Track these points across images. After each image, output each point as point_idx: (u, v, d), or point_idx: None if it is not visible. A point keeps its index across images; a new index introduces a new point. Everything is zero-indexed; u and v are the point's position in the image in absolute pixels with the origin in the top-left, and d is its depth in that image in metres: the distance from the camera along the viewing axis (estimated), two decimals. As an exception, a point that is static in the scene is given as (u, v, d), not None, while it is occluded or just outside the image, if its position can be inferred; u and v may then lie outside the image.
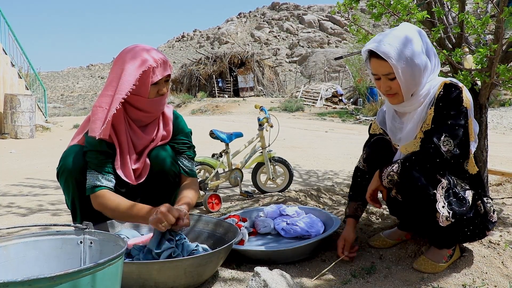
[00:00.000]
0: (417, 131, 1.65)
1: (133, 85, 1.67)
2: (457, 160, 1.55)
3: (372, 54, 1.61)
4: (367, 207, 2.48)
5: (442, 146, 1.52)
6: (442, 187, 1.54)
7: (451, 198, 1.55)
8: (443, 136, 1.53)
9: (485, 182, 1.77)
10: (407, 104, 1.66)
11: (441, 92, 1.59)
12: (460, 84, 1.61)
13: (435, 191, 1.53)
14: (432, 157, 1.53)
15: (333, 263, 1.73)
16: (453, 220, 1.52)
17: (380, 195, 1.79)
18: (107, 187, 1.72)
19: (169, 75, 1.80)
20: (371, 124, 1.96)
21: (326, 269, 1.70)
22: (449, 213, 1.51)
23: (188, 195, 1.81)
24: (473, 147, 1.67)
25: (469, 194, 1.59)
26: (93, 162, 1.74)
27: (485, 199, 1.68)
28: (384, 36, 1.59)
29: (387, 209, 2.03)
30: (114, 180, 1.76)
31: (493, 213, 1.68)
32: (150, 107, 1.79)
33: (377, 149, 1.82)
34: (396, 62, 1.54)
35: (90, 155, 1.75)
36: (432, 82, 1.63)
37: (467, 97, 1.58)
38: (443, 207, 1.52)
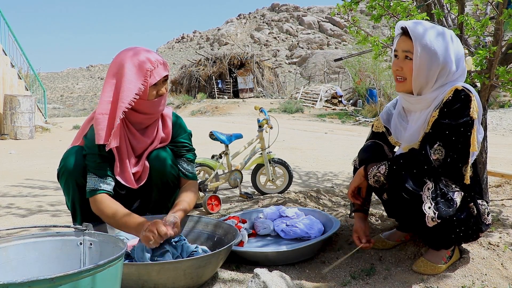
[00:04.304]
0: (421, 134, 1.64)
1: (136, 94, 1.67)
2: (447, 168, 1.55)
3: (403, 33, 1.63)
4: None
5: (432, 154, 1.53)
6: (428, 188, 1.55)
7: (439, 198, 1.54)
8: (436, 144, 1.53)
9: (483, 185, 1.76)
10: (415, 101, 1.65)
11: (450, 98, 1.56)
12: (473, 93, 1.57)
13: (421, 192, 1.54)
14: (420, 164, 1.54)
15: (353, 251, 1.75)
16: (439, 221, 1.52)
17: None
18: (105, 190, 1.71)
19: (167, 75, 1.79)
20: (373, 122, 1.96)
21: (343, 258, 1.73)
22: (434, 213, 1.51)
23: (185, 199, 1.81)
24: (473, 156, 1.64)
25: (457, 196, 1.58)
26: (92, 166, 1.73)
27: (479, 201, 1.67)
28: (425, 22, 1.62)
29: (385, 211, 2.04)
30: (113, 183, 1.75)
31: (487, 215, 1.67)
32: (150, 109, 1.79)
33: (370, 154, 1.82)
34: (419, 44, 1.56)
35: (89, 158, 1.75)
36: (445, 86, 1.60)
37: (475, 107, 1.55)
38: (429, 208, 1.52)
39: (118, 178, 1.76)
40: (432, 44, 1.55)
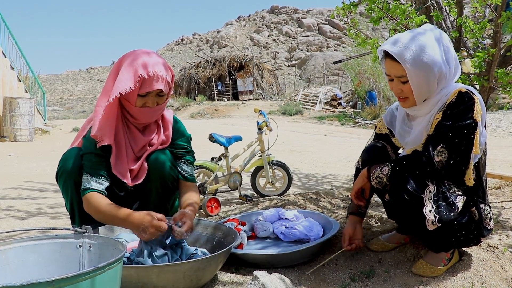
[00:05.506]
0: (424, 136, 1.64)
1: (130, 87, 1.63)
2: (449, 170, 1.54)
3: (387, 55, 1.59)
4: (367, 211, 2.49)
5: (435, 156, 1.52)
6: (430, 191, 1.54)
7: (441, 202, 1.54)
8: (439, 146, 1.53)
9: (484, 188, 1.75)
10: (419, 108, 1.64)
11: (453, 100, 1.55)
12: (476, 95, 1.57)
13: (423, 195, 1.53)
14: (423, 166, 1.53)
15: (336, 253, 1.79)
16: (439, 225, 1.51)
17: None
18: (97, 189, 1.69)
19: (161, 90, 1.71)
20: (376, 124, 1.96)
21: (323, 261, 1.77)
22: (435, 217, 1.51)
23: (192, 197, 1.82)
24: (475, 158, 1.64)
25: (459, 200, 1.58)
26: (87, 165, 1.73)
27: (482, 206, 1.66)
28: (402, 37, 1.56)
29: (386, 213, 2.04)
30: (106, 183, 1.73)
31: (490, 221, 1.67)
32: (136, 115, 1.77)
33: (373, 155, 1.82)
34: (410, 66, 1.52)
35: (85, 157, 1.75)
36: (448, 88, 1.60)
37: (479, 109, 1.55)
38: (430, 211, 1.52)
39: (114, 171, 1.74)
40: (420, 57, 1.52)
